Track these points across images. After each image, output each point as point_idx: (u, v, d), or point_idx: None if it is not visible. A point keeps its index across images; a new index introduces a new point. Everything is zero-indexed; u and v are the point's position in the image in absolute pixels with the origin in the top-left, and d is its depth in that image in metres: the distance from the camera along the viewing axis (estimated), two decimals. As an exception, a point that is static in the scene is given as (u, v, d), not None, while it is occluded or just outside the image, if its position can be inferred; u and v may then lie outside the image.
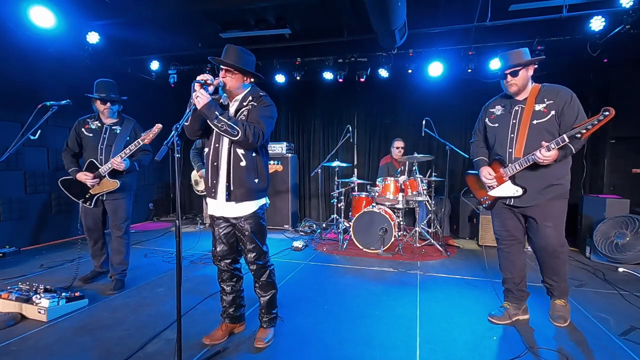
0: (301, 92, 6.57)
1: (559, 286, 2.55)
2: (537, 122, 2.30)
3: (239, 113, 2.12)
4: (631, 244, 3.80)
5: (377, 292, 3.19)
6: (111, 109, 3.11)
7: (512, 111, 2.42)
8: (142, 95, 6.31)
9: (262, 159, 2.18)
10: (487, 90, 5.92)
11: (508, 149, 2.40)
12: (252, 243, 2.17)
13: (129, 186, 3.21)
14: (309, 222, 6.34)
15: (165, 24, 4.71)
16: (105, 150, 3.06)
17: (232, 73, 2.09)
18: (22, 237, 4.56)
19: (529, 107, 2.33)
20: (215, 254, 2.28)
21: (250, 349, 2.21)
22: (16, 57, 4.42)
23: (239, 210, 2.13)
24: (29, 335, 2.36)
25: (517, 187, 2.37)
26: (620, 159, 4.94)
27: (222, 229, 2.23)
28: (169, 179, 7.32)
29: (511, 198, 2.43)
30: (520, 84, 2.36)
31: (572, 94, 2.28)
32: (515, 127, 2.37)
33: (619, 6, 3.76)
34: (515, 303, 2.64)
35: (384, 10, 3.32)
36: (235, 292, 2.35)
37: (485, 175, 2.51)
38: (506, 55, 2.37)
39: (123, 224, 3.19)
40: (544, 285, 2.64)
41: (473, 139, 2.77)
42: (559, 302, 2.57)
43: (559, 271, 2.49)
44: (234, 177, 2.09)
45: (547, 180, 2.32)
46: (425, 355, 2.18)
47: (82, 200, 3.10)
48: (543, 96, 2.32)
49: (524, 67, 2.33)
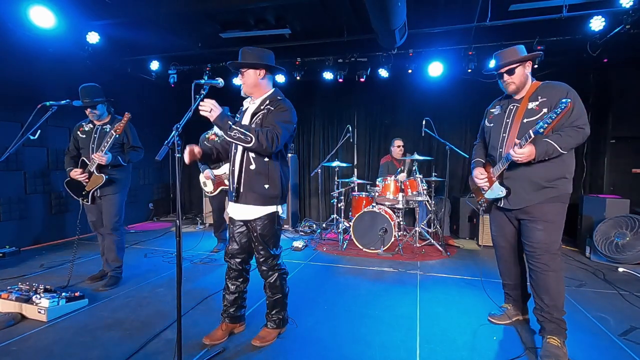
0: (301, 92, 6.56)
1: (550, 314, 2.16)
2: (528, 121, 2.16)
3: (255, 117, 2.15)
4: (631, 244, 3.80)
5: (377, 292, 3.19)
6: (94, 112, 3.16)
7: (507, 110, 2.32)
8: (142, 95, 6.32)
9: (275, 165, 2.16)
10: (487, 90, 5.91)
11: (499, 149, 2.30)
12: (260, 245, 2.19)
13: (119, 182, 3.24)
14: (309, 222, 6.34)
15: (165, 24, 4.71)
16: (95, 148, 3.15)
17: (246, 71, 2.14)
18: (22, 237, 4.56)
19: (523, 106, 2.22)
20: (227, 251, 2.31)
21: (248, 349, 2.21)
22: (16, 57, 4.42)
23: (247, 213, 2.16)
24: (29, 335, 2.36)
25: (502, 188, 2.27)
26: (620, 159, 4.94)
27: (237, 228, 2.27)
28: (169, 179, 7.32)
29: (501, 200, 2.32)
30: (518, 82, 2.24)
31: (568, 90, 2.13)
32: (508, 126, 2.26)
33: (619, 6, 3.76)
34: (516, 304, 2.62)
35: (384, 10, 3.32)
36: (239, 292, 2.36)
37: (476, 176, 2.43)
38: (500, 53, 2.27)
39: (112, 221, 3.22)
40: (535, 314, 2.29)
41: (477, 141, 2.67)
42: (552, 341, 2.12)
43: (548, 287, 2.16)
44: (244, 180, 2.13)
45: (535, 182, 2.16)
46: (425, 355, 2.18)
47: (81, 198, 3.20)
48: (538, 93, 2.20)
49: (520, 65, 2.21)
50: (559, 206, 2.18)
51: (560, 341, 2.13)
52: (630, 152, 4.89)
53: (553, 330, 2.16)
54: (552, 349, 2.10)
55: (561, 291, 2.18)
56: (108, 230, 3.23)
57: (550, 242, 2.17)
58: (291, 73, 5.62)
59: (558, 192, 2.16)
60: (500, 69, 2.26)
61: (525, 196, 2.20)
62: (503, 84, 2.31)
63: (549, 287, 2.17)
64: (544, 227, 2.16)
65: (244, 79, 2.17)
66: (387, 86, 5.98)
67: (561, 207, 2.19)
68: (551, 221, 2.17)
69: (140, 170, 6.58)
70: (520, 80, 2.24)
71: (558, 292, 2.17)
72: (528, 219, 2.22)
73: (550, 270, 2.16)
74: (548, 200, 2.16)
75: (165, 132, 2.19)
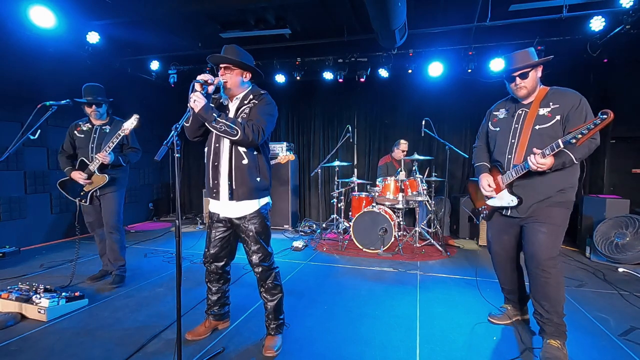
0: (301, 92, 6.58)
1: (550, 319, 2.15)
2: (540, 128, 2.12)
3: (240, 111, 2.11)
4: (631, 244, 3.80)
5: (377, 292, 3.19)
6: (98, 111, 3.18)
7: (514, 115, 2.25)
8: (142, 95, 6.32)
9: (263, 158, 2.18)
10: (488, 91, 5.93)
11: (507, 155, 2.24)
12: (257, 244, 2.14)
13: (117, 182, 3.25)
14: (309, 222, 6.34)
15: (165, 24, 4.71)
16: (95, 148, 3.15)
17: (230, 70, 2.09)
18: (22, 237, 4.56)
19: (532, 111, 2.16)
20: (207, 256, 2.27)
21: (248, 349, 2.21)
22: (16, 57, 4.42)
23: (241, 209, 2.12)
24: (29, 335, 2.36)
25: (513, 197, 2.20)
26: (620, 159, 4.94)
27: (219, 233, 2.22)
28: (169, 179, 7.32)
29: (508, 208, 2.26)
30: (529, 87, 2.18)
31: (580, 98, 2.09)
32: (517, 132, 2.20)
33: (619, 6, 3.76)
34: (515, 305, 2.62)
35: (384, 10, 3.32)
36: (222, 292, 2.38)
37: (484, 187, 2.34)
38: (513, 56, 2.19)
39: (113, 219, 3.22)
40: (534, 317, 2.27)
41: (476, 143, 2.59)
42: (553, 342, 2.13)
43: (548, 294, 2.14)
44: (236, 175, 2.08)
45: (546, 191, 2.13)
46: (425, 355, 2.17)
47: (78, 199, 3.19)
48: (549, 100, 2.14)
49: (533, 69, 2.16)
50: (564, 211, 2.16)
51: (560, 343, 2.12)
52: (630, 152, 4.89)
53: (553, 332, 2.15)
54: (553, 350, 2.09)
55: (561, 297, 2.15)
56: (109, 229, 3.23)
57: (552, 246, 2.13)
58: (291, 73, 5.62)
59: (565, 198, 2.14)
60: (513, 72, 2.19)
61: (533, 203, 2.17)
62: (513, 87, 2.23)
63: (549, 294, 2.14)
64: (547, 230, 2.13)
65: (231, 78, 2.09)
66: (387, 86, 5.98)
67: (566, 212, 2.17)
68: (556, 224, 2.14)
69: (140, 170, 6.58)
70: (532, 85, 2.19)
71: (558, 298, 2.14)
72: (532, 221, 2.19)
73: (551, 277, 2.12)
74: (555, 204, 2.14)
75: (165, 132, 2.19)
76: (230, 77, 2.09)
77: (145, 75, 6.00)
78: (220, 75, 2.09)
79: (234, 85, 2.12)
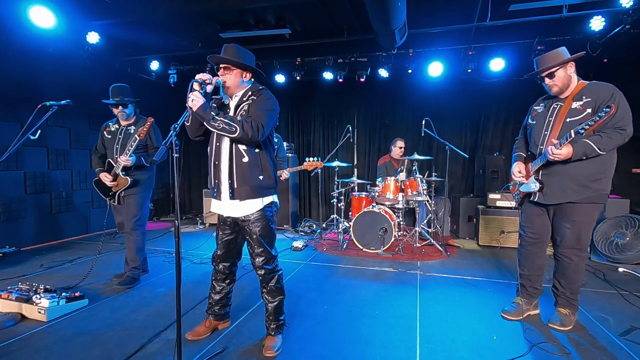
0: (301, 92, 6.57)
1: (564, 293, 2.47)
2: (571, 120, 2.24)
3: (239, 109, 2.09)
4: (631, 244, 3.80)
5: (377, 292, 3.19)
6: (124, 111, 3.23)
7: (550, 108, 2.39)
8: (142, 95, 6.28)
9: (266, 155, 2.13)
10: (488, 90, 5.93)
11: (540, 146, 2.39)
12: (261, 247, 2.13)
13: (140, 183, 3.28)
14: (309, 222, 6.34)
15: (165, 24, 4.71)
16: (120, 149, 3.19)
17: (230, 70, 2.07)
18: (22, 237, 4.56)
19: (566, 105, 2.29)
20: (215, 256, 2.30)
21: (248, 349, 2.21)
22: (16, 58, 4.42)
23: (244, 208, 2.09)
24: (29, 335, 2.36)
25: (536, 182, 2.38)
26: (620, 159, 4.89)
27: (225, 235, 2.23)
28: (168, 179, 7.32)
29: (535, 194, 2.43)
30: (560, 84, 2.32)
31: (613, 91, 2.18)
32: (550, 124, 2.35)
33: (619, 6, 3.76)
34: (527, 299, 2.66)
35: (384, 10, 3.32)
36: (225, 292, 2.38)
37: (514, 173, 2.54)
38: (540, 58, 2.36)
39: (131, 220, 3.25)
40: (551, 289, 2.58)
41: (518, 136, 2.74)
42: (562, 310, 2.49)
43: (567, 275, 2.42)
44: (237, 174, 2.05)
45: (573, 179, 2.26)
46: (425, 355, 2.17)
47: (108, 198, 3.27)
48: (583, 94, 2.26)
49: (560, 67, 2.29)
50: (591, 207, 2.30)
51: (569, 311, 2.45)
52: (630, 152, 4.86)
53: (564, 303, 2.48)
54: (561, 315, 2.46)
55: (578, 280, 2.42)
56: (128, 229, 3.26)
57: (577, 240, 2.35)
58: (291, 73, 5.62)
59: (593, 192, 2.26)
60: (540, 74, 2.35)
61: (560, 193, 2.31)
62: (547, 86, 2.39)
63: (566, 274, 2.43)
64: (572, 226, 2.33)
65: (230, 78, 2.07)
66: (387, 86, 5.98)
67: (593, 207, 2.31)
68: (580, 221, 2.31)
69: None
70: (563, 82, 2.32)
71: (574, 279, 2.42)
72: (559, 216, 2.39)
73: (572, 262, 2.39)
74: (581, 200, 2.27)
75: (165, 132, 2.20)
76: (230, 77, 2.08)
77: (145, 76, 6.00)
78: (220, 75, 2.07)
79: (234, 85, 2.10)
